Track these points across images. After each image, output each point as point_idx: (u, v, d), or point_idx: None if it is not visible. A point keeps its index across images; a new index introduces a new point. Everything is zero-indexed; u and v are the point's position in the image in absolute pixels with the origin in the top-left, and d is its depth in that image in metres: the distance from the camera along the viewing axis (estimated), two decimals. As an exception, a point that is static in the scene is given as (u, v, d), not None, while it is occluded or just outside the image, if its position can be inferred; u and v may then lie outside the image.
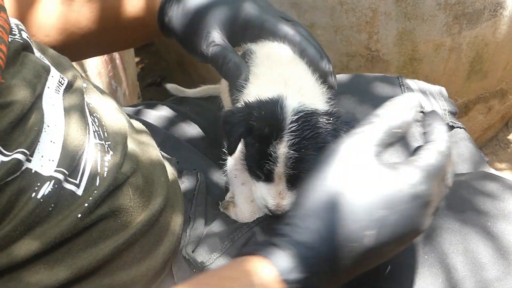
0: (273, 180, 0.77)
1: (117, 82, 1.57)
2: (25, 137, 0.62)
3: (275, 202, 0.77)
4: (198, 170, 0.95)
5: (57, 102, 0.71)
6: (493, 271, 0.70)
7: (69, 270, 0.64)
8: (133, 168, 0.75)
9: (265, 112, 0.76)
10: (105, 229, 0.68)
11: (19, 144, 0.61)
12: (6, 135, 0.60)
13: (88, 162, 0.69)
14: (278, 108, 0.76)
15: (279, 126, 0.74)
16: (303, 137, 0.74)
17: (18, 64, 0.67)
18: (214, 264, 0.74)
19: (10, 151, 0.60)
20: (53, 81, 0.72)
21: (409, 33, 1.58)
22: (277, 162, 0.74)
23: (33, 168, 0.62)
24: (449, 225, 0.75)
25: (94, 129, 0.74)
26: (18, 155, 0.60)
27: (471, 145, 1.02)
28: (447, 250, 0.72)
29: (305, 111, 0.76)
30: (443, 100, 1.06)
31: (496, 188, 0.82)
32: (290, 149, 0.73)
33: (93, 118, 0.76)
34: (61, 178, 0.64)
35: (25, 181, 0.61)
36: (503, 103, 1.92)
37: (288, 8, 1.58)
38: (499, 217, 0.76)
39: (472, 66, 1.71)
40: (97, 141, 0.73)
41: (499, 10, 1.59)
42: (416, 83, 1.08)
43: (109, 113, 0.80)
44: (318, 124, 0.76)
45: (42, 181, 0.63)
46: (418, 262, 0.72)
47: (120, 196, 0.71)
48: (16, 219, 0.60)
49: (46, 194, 0.62)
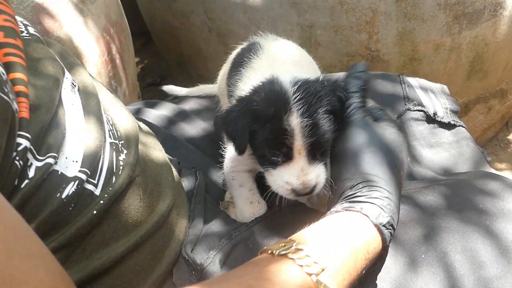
0: (293, 157, 0.75)
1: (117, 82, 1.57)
2: (54, 140, 0.62)
3: (300, 181, 0.75)
4: (197, 169, 0.95)
5: (75, 101, 0.71)
6: (493, 269, 0.70)
7: (82, 271, 0.65)
8: (141, 168, 0.76)
9: (265, 93, 0.76)
10: (117, 229, 0.69)
11: (49, 148, 0.61)
12: (39, 140, 0.60)
13: (105, 162, 0.70)
14: (276, 85, 0.76)
15: (284, 100, 0.74)
16: (310, 103, 0.74)
17: (35, 62, 0.68)
18: (212, 264, 0.74)
19: (42, 156, 0.60)
20: (67, 82, 0.72)
21: (409, 33, 1.57)
22: (294, 135, 0.74)
23: (59, 170, 0.63)
24: (447, 224, 0.75)
25: (109, 128, 0.75)
26: (50, 159, 0.61)
27: (472, 144, 1.01)
28: (446, 249, 0.72)
29: (301, 80, 0.77)
30: (444, 98, 1.05)
31: (496, 187, 0.82)
32: (303, 117, 0.73)
33: (107, 116, 0.76)
34: (84, 178, 0.65)
35: (52, 183, 0.62)
36: (503, 103, 1.92)
37: (288, 8, 1.58)
38: (499, 216, 0.76)
39: (472, 66, 1.71)
40: (112, 140, 0.73)
41: (499, 10, 1.59)
42: (417, 81, 1.08)
43: (120, 112, 0.81)
44: (317, 89, 0.76)
45: (67, 182, 0.63)
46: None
47: (131, 196, 0.72)
48: (39, 219, 0.61)
49: (70, 194, 0.63)
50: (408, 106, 1.01)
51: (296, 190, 0.76)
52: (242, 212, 0.87)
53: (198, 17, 1.80)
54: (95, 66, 1.41)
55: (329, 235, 0.64)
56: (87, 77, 0.78)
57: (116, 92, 1.57)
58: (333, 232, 0.65)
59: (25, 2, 1.20)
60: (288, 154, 0.75)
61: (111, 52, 1.53)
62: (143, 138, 0.84)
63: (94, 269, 0.66)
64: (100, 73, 1.45)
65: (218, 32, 1.79)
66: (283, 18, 1.61)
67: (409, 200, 0.81)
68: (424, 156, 0.99)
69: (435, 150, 0.99)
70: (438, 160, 0.99)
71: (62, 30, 1.29)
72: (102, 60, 1.48)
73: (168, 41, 2.12)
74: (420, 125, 1.00)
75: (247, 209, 0.87)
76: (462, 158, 0.99)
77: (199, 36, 1.86)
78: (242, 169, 0.89)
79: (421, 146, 0.99)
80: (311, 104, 0.74)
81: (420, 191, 0.83)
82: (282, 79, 0.77)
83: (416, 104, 1.01)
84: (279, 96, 0.75)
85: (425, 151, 0.99)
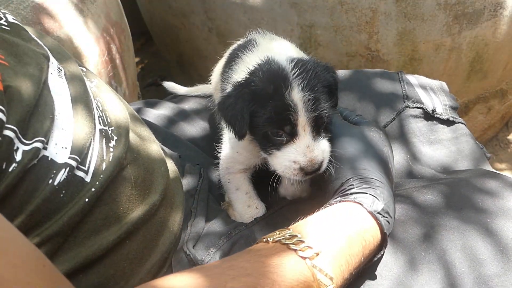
0: (297, 134, 0.75)
1: (117, 82, 1.56)
2: (40, 125, 0.62)
3: (307, 158, 0.75)
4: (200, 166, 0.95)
5: (63, 88, 0.71)
6: (492, 267, 0.70)
7: (75, 259, 0.65)
8: (133, 156, 0.75)
9: (263, 72, 0.76)
10: (108, 216, 0.69)
11: (36, 132, 0.61)
12: (25, 124, 0.60)
13: (95, 149, 0.70)
14: (273, 64, 0.76)
15: (284, 76, 0.74)
16: (309, 78, 0.74)
17: (15, 47, 0.67)
18: (211, 261, 0.75)
19: (29, 140, 0.60)
20: (53, 67, 0.72)
21: (409, 33, 1.57)
22: (298, 110, 0.73)
23: (49, 156, 0.63)
24: (447, 222, 0.75)
25: (99, 114, 0.75)
26: (37, 144, 0.61)
27: (472, 141, 1.01)
28: (446, 247, 0.72)
29: (296, 58, 0.78)
30: (443, 95, 1.05)
31: (496, 185, 0.82)
32: (304, 91, 0.73)
33: (96, 102, 0.76)
34: (74, 165, 0.65)
35: (43, 169, 0.62)
36: (503, 103, 1.92)
37: (288, 8, 1.58)
38: (499, 214, 0.76)
39: (472, 66, 1.71)
40: (101, 127, 0.73)
41: (499, 10, 1.59)
42: (416, 78, 1.08)
43: (110, 98, 0.81)
44: (313, 66, 0.77)
45: (58, 169, 0.63)
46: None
47: (123, 183, 0.72)
48: (32, 205, 0.61)
49: (60, 181, 0.63)
50: (407, 103, 1.01)
51: (304, 168, 0.75)
52: (241, 215, 0.87)
53: (198, 17, 1.80)
54: (95, 66, 1.41)
55: (323, 224, 0.65)
56: (74, 65, 0.79)
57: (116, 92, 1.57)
58: (327, 222, 0.66)
59: (25, 2, 1.20)
60: (292, 132, 0.75)
61: (111, 52, 1.53)
62: (136, 128, 0.84)
63: (86, 257, 0.66)
64: (100, 73, 1.45)
65: (218, 32, 1.79)
66: (283, 18, 1.61)
67: (409, 199, 0.81)
68: (423, 153, 0.98)
69: (435, 146, 0.99)
70: (437, 157, 0.98)
71: (62, 30, 1.29)
72: (102, 60, 1.48)
73: (168, 41, 2.12)
74: (419, 122, 1.00)
75: (245, 213, 0.87)
76: (461, 155, 0.99)
77: (199, 36, 1.86)
78: (237, 168, 0.88)
79: (420, 143, 0.99)
80: (310, 78, 0.74)
81: (420, 190, 0.83)
82: (278, 58, 0.78)
83: (415, 101, 1.01)
84: (278, 73, 0.75)
85: (424, 148, 0.99)
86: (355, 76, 1.10)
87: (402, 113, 1.01)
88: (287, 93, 0.73)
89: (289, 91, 0.73)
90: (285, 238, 0.61)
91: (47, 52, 0.73)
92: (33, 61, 0.67)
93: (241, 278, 0.55)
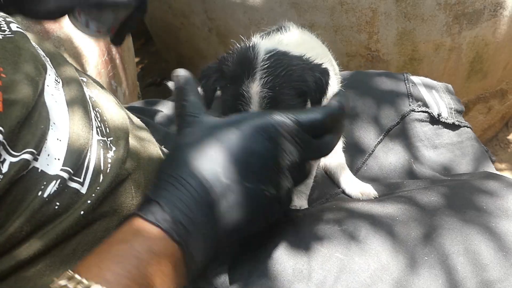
0: None
1: (117, 82, 1.56)
2: (32, 136, 0.61)
3: None
4: None
5: (59, 98, 0.70)
6: (495, 272, 0.69)
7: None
8: (134, 165, 0.74)
9: (238, 54, 0.76)
10: (108, 228, 0.68)
11: (26, 144, 0.60)
12: (14, 135, 0.59)
13: (92, 160, 0.68)
14: (250, 50, 0.75)
15: (251, 65, 0.73)
16: (277, 75, 0.72)
17: (17, 57, 0.67)
18: None
19: (18, 152, 0.59)
20: (50, 79, 0.71)
21: (409, 33, 1.57)
22: (251, 103, 0.72)
23: (39, 167, 0.61)
24: (450, 225, 0.74)
25: (97, 125, 0.73)
26: (26, 155, 0.59)
27: (477, 145, 1.01)
28: (448, 251, 0.71)
29: (277, 51, 0.75)
30: (449, 98, 1.04)
31: (499, 187, 0.81)
32: (264, 87, 0.72)
33: (95, 112, 0.75)
34: (66, 177, 0.64)
35: (32, 180, 0.60)
36: (503, 103, 1.92)
37: (288, 8, 1.58)
38: (502, 217, 0.75)
39: (472, 66, 1.71)
40: (100, 137, 0.72)
41: (499, 10, 1.59)
42: (421, 80, 1.07)
43: (110, 108, 0.80)
44: (292, 63, 0.74)
45: (48, 180, 0.62)
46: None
47: (123, 194, 0.70)
48: (21, 218, 0.59)
49: (51, 194, 0.62)
50: (413, 107, 1.00)
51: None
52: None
53: (198, 17, 1.80)
54: (95, 66, 1.41)
55: (108, 256, 0.55)
56: (73, 74, 0.77)
57: (116, 92, 1.57)
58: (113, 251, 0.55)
59: (25, 2, 1.20)
60: None
61: (111, 52, 1.53)
62: (136, 132, 0.83)
63: None
64: (100, 73, 1.44)
65: (218, 32, 1.78)
66: (283, 18, 1.60)
67: (411, 200, 0.80)
68: (427, 158, 0.98)
69: (439, 151, 0.98)
70: (441, 161, 0.98)
71: (62, 30, 1.29)
72: (102, 60, 1.48)
73: (168, 41, 2.12)
74: (425, 126, 1.00)
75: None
76: (466, 159, 0.99)
77: (199, 36, 1.86)
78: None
79: (425, 147, 0.98)
80: (277, 76, 0.72)
81: (422, 191, 0.83)
82: (260, 46, 0.76)
83: (421, 105, 1.00)
84: (248, 61, 0.73)
85: (428, 152, 0.98)
86: (358, 77, 1.09)
87: (407, 117, 1.00)
88: (246, 83, 0.72)
89: (249, 81, 0.72)
90: (65, 280, 0.51)
91: (45, 64, 0.72)
92: (30, 71, 0.66)
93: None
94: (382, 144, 0.99)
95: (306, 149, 0.65)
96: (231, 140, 0.60)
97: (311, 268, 0.71)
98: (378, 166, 0.97)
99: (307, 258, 0.72)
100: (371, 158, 0.99)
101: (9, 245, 0.59)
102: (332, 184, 0.97)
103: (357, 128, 1.01)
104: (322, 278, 0.70)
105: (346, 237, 0.74)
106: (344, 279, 0.69)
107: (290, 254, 0.72)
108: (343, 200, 0.90)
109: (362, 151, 0.99)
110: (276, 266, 0.71)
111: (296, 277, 0.70)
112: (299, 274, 0.70)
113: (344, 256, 0.71)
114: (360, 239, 0.73)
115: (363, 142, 1.00)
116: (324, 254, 0.72)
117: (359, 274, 0.70)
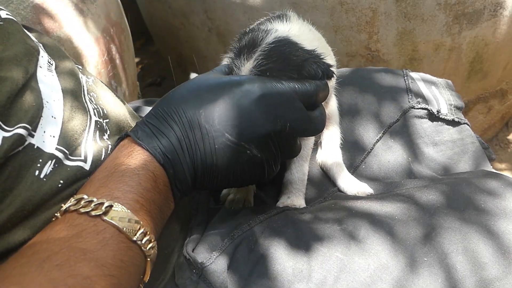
0: None
1: (117, 82, 1.56)
2: (24, 113, 0.62)
3: None
4: None
5: (52, 78, 0.71)
6: (494, 271, 0.69)
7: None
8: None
9: (252, 36, 0.79)
10: None
11: (19, 120, 0.61)
12: (6, 110, 0.60)
13: (89, 138, 0.70)
14: (262, 32, 0.79)
15: (254, 47, 0.77)
16: (272, 62, 0.75)
17: (6, 40, 0.67)
18: (214, 264, 0.74)
19: (10, 127, 0.60)
20: (43, 60, 0.72)
21: (409, 33, 1.57)
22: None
23: (35, 144, 0.62)
24: (449, 224, 0.74)
25: (93, 106, 0.75)
26: (20, 130, 0.60)
27: (477, 143, 1.00)
28: (447, 250, 0.71)
29: (284, 40, 0.77)
30: (449, 94, 1.04)
31: (498, 186, 0.81)
32: (256, 69, 0.75)
33: (90, 96, 0.76)
34: (61, 157, 0.65)
35: (28, 156, 0.61)
36: (503, 103, 1.92)
37: (288, 8, 1.58)
38: (501, 216, 0.75)
39: (472, 66, 1.71)
40: (97, 118, 0.73)
41: (499, 10, 1.59)
42: (421, 76, 1.06)
43: (106, 94, 0.82)
44: (293, 53, 0.76)
45: (44, 158, 0.63)
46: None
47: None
48: (20, 198, 0.60)
49: (47, 174, 0.63)
50: (412, 104, 1.00)
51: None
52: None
53: (198, 17, 1.80)
54: (95, 66, 1.41)
55: (108, 175, 0.63)
56: (68, 60, 0.79)
57: (116, 92, 1.57)
58: (112, 171, 0.63)
59: (25, 2, 1.20)
60: None
61: (111, 52, 1.53)
62: (135, 120, 0.84)
63: None
64: (100, 73, 1.44)
65: (218, 32, 1.78)
66: (283, 18, 1.61)
67: (410, 199, 0.80)
68: (426, 155, 0.97)
69: (439, 148, 0.98)
70: (441, 159, 0.98)
71: (62, 30, 1.29)
72: (102, 60, 1.48)
73: (168, 41, 2.12)
74: (424, 123, 0.99)
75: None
76: (465, 157, 0.98)
77: (199, 36, 1.86)
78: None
79: (424, 144, 0.98)
80: (272, 62, 0.75)
81: (421, 189, 0.83)
82: (274, 31, 0.79)
83: (420, 102, 1.00)
84: (253, 42, 0.77)
85: (428, 149, 0.98)
86: (357, 74, 1.08)
87: (406, 114, 0.99)
88: (242, 59, 0.76)
89: (244, 59, 0.76)
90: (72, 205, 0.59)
91: (37, 46, 0.73)
92: (21, 50, 0.67)
93: (53, 256, 0.53)
94: (382, 142, 0.98)
95: (299, 120, 0.70)
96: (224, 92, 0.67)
97: (311, 268, 0.71)
98: (377, 165, 0.97)
99: (307, 258, 0.72)
100: (370, 156, 0.98)
101: (10, 225, 0.60)
102: (329, 182, 0.97)
103: (356, 125, 1.00)
104: (322, 278, 0.70)
105: (346, 237, 0.74)
106: (344, 278, 0.70)
107: (290, 254, 0.73)
108: (341, 199, 0.89)
109: (361, 148, 0.99)
110: (276, 266, 0.71)
111: (296, 277, 0.70)
112: (299, 274, 0.70)
113: (344, 255, 0.72)
114: (360, 239, 0.73)
115: (362, 139, 0.99)
116: (324, 253, 0.72)
117: (359, 273, 0.70)
